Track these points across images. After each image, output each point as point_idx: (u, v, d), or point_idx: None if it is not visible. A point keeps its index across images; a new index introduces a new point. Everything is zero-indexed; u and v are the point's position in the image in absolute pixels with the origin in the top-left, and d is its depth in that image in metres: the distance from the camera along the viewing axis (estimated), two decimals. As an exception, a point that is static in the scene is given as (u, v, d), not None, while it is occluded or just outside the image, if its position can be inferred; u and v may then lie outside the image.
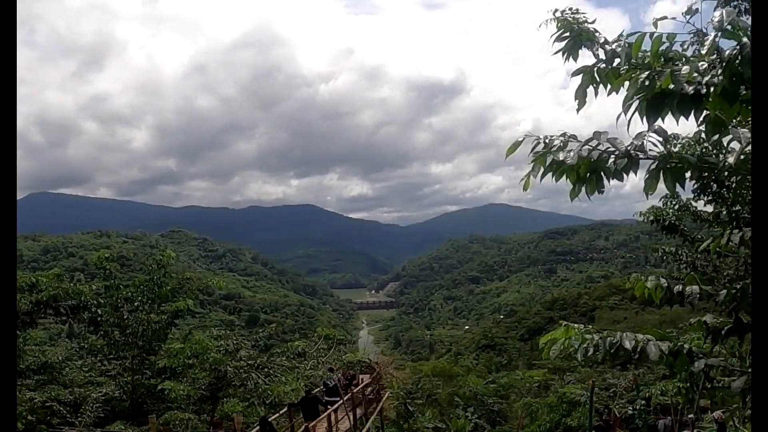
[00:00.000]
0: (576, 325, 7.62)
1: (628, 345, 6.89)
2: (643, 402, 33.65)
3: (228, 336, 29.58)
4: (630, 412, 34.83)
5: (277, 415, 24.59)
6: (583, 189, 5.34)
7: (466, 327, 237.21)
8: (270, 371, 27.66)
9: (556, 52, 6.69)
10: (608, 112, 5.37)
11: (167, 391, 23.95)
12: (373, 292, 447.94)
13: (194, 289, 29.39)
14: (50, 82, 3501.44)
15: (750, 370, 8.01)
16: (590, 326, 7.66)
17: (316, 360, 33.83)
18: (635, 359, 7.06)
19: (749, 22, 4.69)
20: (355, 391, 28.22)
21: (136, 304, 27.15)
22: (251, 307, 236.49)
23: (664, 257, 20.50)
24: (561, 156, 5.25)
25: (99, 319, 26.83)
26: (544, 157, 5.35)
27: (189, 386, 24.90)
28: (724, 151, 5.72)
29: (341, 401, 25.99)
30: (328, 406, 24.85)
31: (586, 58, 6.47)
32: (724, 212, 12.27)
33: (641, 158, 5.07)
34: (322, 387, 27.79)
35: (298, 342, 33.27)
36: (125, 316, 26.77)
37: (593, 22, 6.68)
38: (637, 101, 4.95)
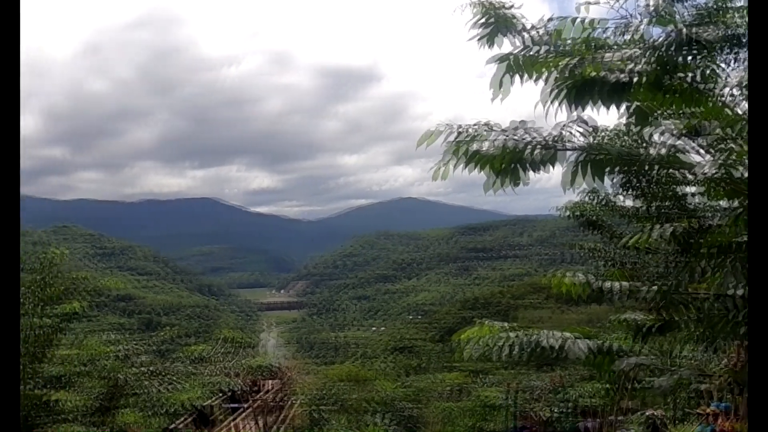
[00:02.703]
0: (494, 322, 7.64)
1: (551, 343, 6.93)
2: (567, 404, 34.28)
3: (123, 341, 28.93)
4: (554, 414, 35.50)
5: (180, 422, 24.17)
6: (500, 182, 5.33)
7: (374, 328, 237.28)
8: (168, 378, 27.18)
9: (471, 39, 6.40)
10: (530, 103, 5.29)
11: (59, 402, 23.21)
12: (275, 291, 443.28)
13: (86, 290, 28.57)
14: None
15: (681, 369, 8.26)
16: (508, 324, 7.70)
17: (217, 365, 33.35)
18: (558, 358, 7.11)
19: (683, 8, 4.77)
20: (259, 398, 27.97)
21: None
22: (147, 309, 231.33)
23: (586, 253, 20.88)
24: (479, 146, 5.22)
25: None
26: (459, 147, 5.31)
27: (82, 396, 24.21)
28: (645, 144, 5.78)
29: (244, 409, 25.73)
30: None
31: (506, 45, 6.36)
32: (644, 208, 12.47)
33: (565, 149, 5.07)
34: (219, 394, 27.45)
35: (199, 346, 32.74)
36: (10, 321, 25.81)
37: (519, 7, 6.51)
38: (564, 89, 4.94)
